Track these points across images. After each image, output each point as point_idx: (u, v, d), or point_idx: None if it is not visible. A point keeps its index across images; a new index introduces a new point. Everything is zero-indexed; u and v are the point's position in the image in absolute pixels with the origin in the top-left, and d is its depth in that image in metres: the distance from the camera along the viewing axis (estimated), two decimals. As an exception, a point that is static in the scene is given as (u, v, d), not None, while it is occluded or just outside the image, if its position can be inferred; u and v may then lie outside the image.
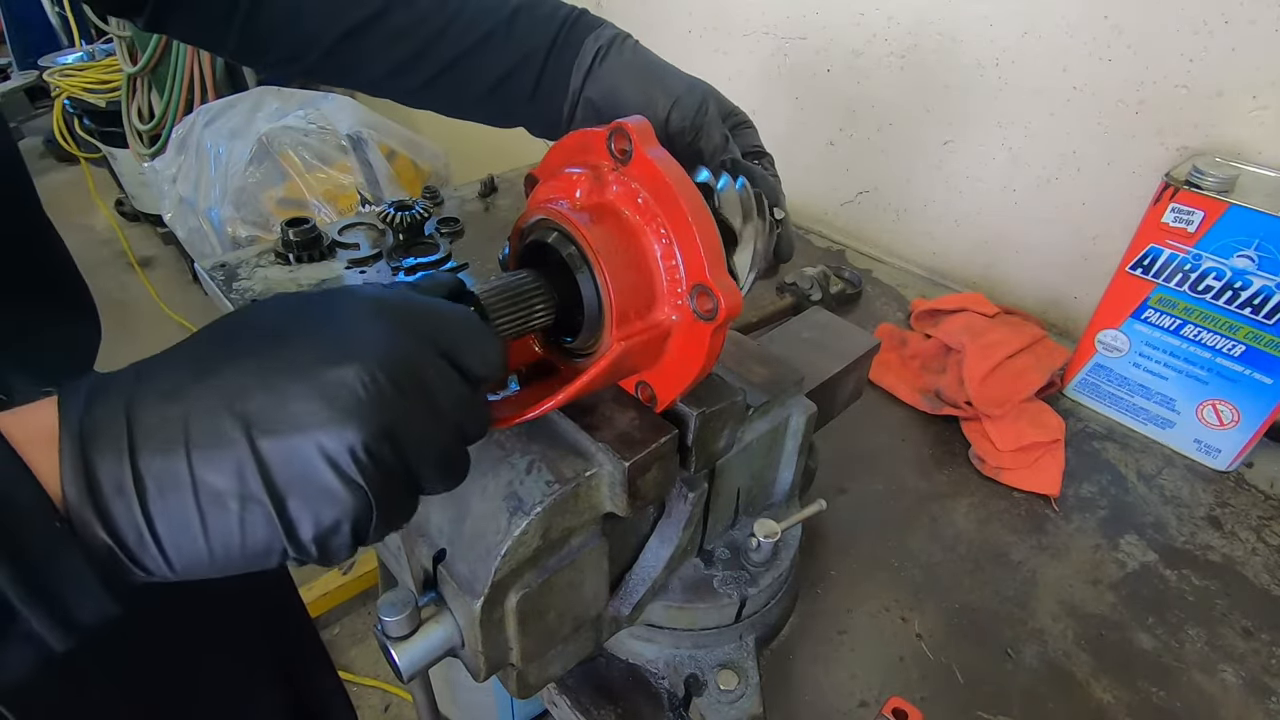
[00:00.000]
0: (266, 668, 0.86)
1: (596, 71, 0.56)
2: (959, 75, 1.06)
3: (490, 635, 0.46)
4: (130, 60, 2.48)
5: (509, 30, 0.58)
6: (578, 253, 0.42)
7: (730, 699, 0.56)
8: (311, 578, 1.82)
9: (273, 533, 0.31)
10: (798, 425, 0.59)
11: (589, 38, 0.57)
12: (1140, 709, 0.61)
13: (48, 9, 3.15)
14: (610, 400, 0.48)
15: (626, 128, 0.41)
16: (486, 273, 1.11)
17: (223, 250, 1.81)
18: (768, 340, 0.73)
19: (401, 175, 1.82)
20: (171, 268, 3.17)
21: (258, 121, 1.83)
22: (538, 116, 0.61)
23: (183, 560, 0.31)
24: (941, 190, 1.16)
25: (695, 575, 0.58)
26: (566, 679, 0.60)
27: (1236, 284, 0.75)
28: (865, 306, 1.10)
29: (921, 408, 0.90)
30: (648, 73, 0.56)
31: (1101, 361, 0.89)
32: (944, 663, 0.63)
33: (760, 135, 0.58)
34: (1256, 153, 0.84)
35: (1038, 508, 0.79)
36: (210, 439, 0.30)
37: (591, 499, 0.47)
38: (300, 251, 1.09)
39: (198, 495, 0.30)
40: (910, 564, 0.72)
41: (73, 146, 3.17)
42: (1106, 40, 0.91)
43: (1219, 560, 0.74)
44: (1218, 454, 0.84)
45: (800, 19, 1.22)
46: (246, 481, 0.30)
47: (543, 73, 0.58)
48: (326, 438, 0.31)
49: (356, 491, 0.32)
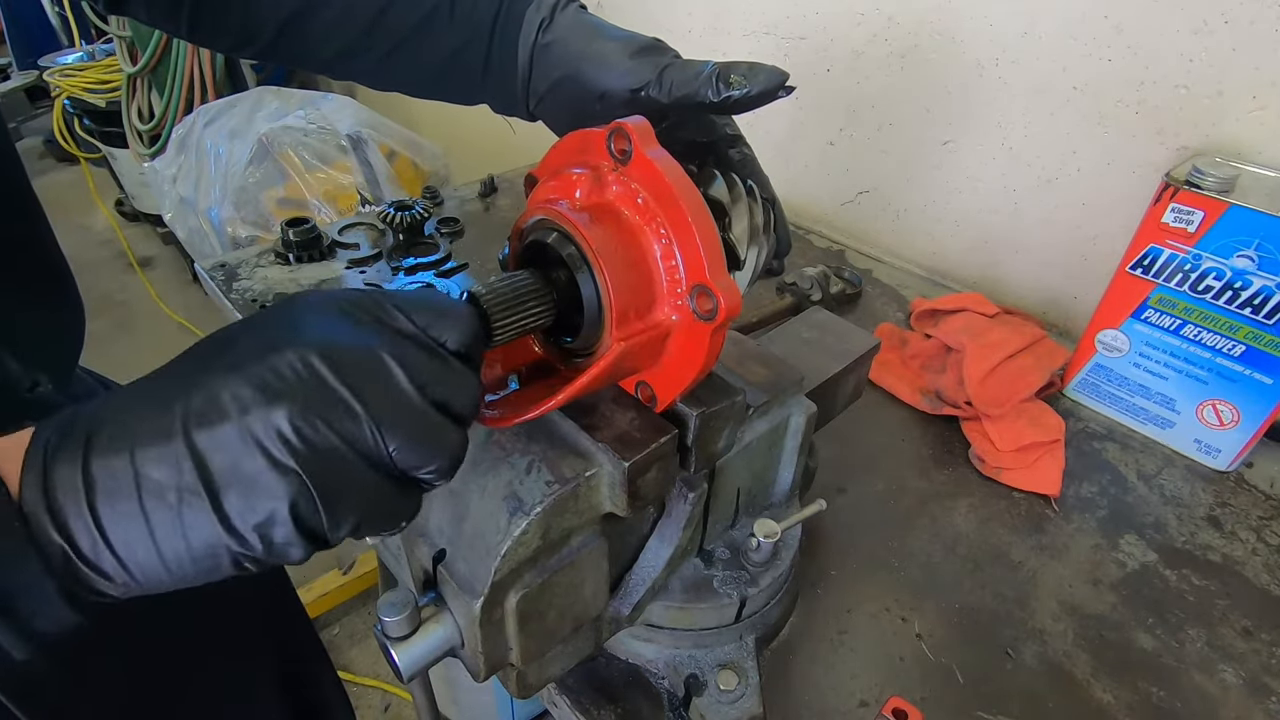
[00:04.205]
0: (266, 668, 0.86)
1: (542, 41, 0.55)
2: (959, 75, 1.06)
3: (490, 635, 0.46)
4: (130, 60, 2.48)
5: (451, 5, 0.58)
6: (577, 253, 0.42)
7: (730, 699, 0.56)
8: (311, 578, 1.82)
9: (214, 528, 0.31)
10: (798, 425, 0.59)
11: (530, 9, 0.56)
12: (1140, 709, 0.61)
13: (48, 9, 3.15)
14: (610, 400, 0.48)
15: (626, 128, 0.41)
16: (486, 273, 1.11)
17: (223, 250, 1.81)
18: (768, 340, 0.72)
19: (401, 175, 1.82)
20: (171, 268, 3.17)
21: (258, 121, 1.83)
22: (495, 92, 0.60)
23: (136, 563, 0.31)
24: (941, 190, 1.16)
25: (695, 575, 0.58)
26: (566, 679, 0.60)
27: (1236, 284, 0.75)
28: (865, 306, 1.10)
29: (921, 408, 0.90)
30: (595, 33, 0.54)
31: (1101, 361, 0.89)
32: (944, 663, 0.63)
33: (761, 137, 0.58)
34: (1256, 153, 0.84)
35: (1038, 508, 0.79)
36: (151, 435, 0.31)
37: (591, 499, 0.47)
38: (300, 251, 1.09)
39: (140, 491, 0.30)
40: (910, 564, 0.72)
41: (73, 146, 3.17)
42: (1106, 40, 0.91)
43: (1219, 560, 0.74)
44: (1218, 454, 0.84)
45: (800, 19, 1.22)
46: (183, 473, 0.30)
47: (490, 47, 0.58)
48: (254, 421, 0.31)
49: (289, 475, 0.31)
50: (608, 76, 0.52)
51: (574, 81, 0.54)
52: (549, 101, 0.57)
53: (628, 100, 0.51)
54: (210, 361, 0.33)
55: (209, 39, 0.65)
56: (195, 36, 0.64)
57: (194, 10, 0.60)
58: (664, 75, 0.50)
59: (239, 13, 0.60)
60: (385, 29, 0.59)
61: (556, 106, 0.57)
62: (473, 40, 0.58)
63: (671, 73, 0.50)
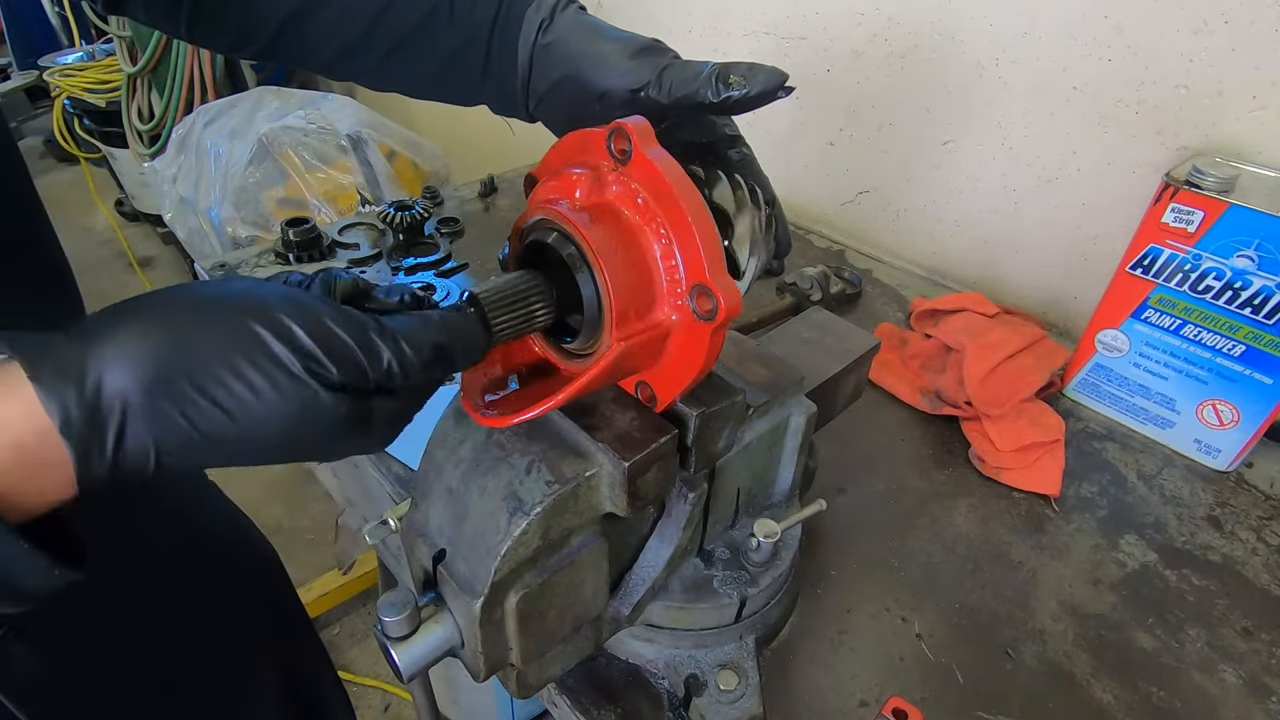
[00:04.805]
0: (267, 668, 0.86)
1: (541, 41, 0.55)
2: (959, 75, 1.06)
3: (490, 635, 0.46)
4: (130, 60, 2.48)
5: (451, 6, 0.58)
6: (577, 253, 0.42)
7: (730, 699, 0.56)
8: (311, 578, 1.82)
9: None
10: (798, 425, 0.59)
11: (529, 9, 0.56)
12: (1140, 709, 0.61)
13: (48, 9, 3.14)
14: (610, 400, 0.48)
15: (626, 128, 0.41)
16: (486, 273, 1.11)
17: (223, 250, 1.81)
18: (768, 340, 0.72)
19: (401, 175, 1.82)
20: (171, 268, 3.17)
21: (258, 121, 1.83)
22: (494, 93, 0.60)
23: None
24: (941, 190, 1.16)
25: (695, 575, 0.58)
26: (566, 679, 0.60)
27: (1236, 284, 0.75)
28: (865, 306, 1.10)
29: (921, 408, 0.90)
30: (595, 34, 0.54)
31: (1101, 361, 0.89)
32: (944, 663, 0.63)
33: (761, 137, 0.58)
34: (1256, 153, 0.84)
35: (1038, 508, 0.79)
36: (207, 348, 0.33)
37: (591, 499, 0.47)
38: (300, 252, 1.09)
39: None
40: (910, 564, 0.72)
41: (73, 146, 3.17)
42: (1106, 40, 0.91)
43: (1219, 560, 0.74)
44: (1218, 454, 0.84)
45: (800, 19, 1.22)
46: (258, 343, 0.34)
47: (489, 48, 0.58)
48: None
49: None
50: (607, 77, 0.52)
51: (573, 82, 0.54)
52: (548, 102, 0.57)
53: (627, 101, 0.51)
54: (178, 313, 0.35)
55: (208, 39, 0.65)
56: (194, 37, 0.64)
57: (192, 10, 0.60)
58: (663, 76, 0.50)
59: (238, 13, 0.60)
60: (384, 29, 0.59)
61: (556, 107, 0.57)
62: (472, 41, 0.58)
63: (671, 73, 0.50)
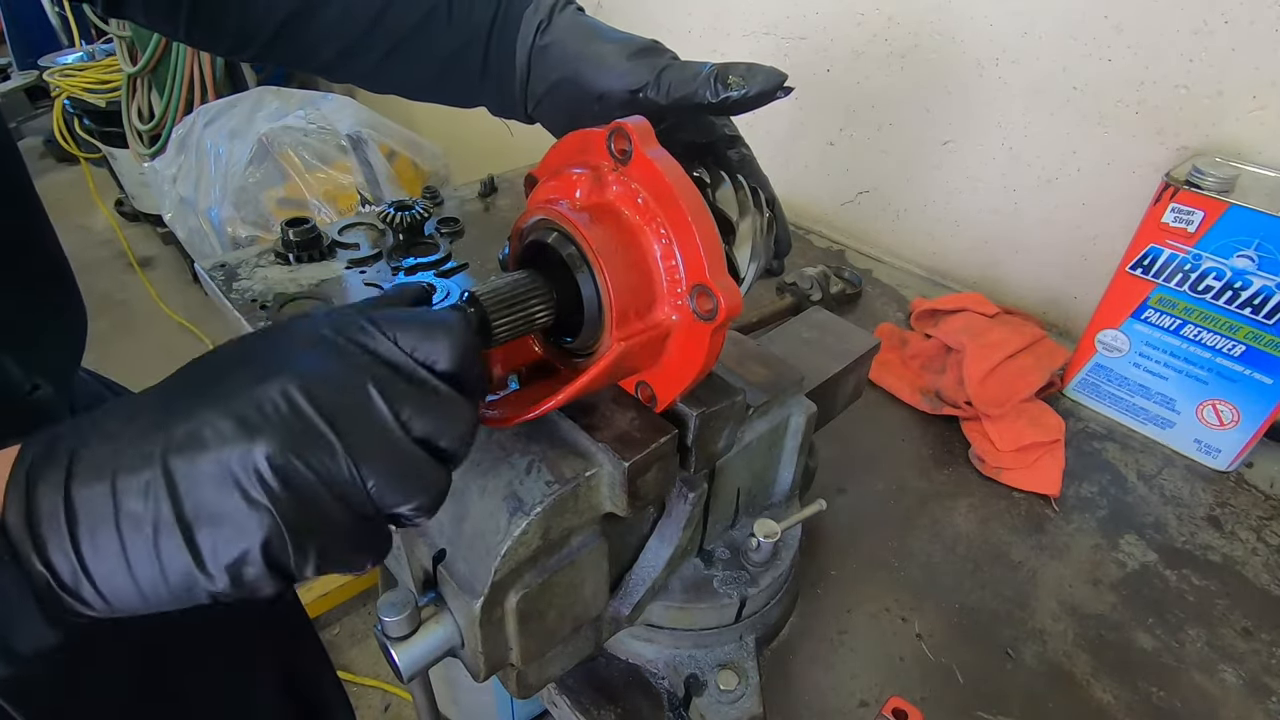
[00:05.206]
0: (266, 668, 0.86)
1: (540, 43, 0.55)
2: (959, 75, 1.06)
3: (490, 635, 0.46)
4: (130, 60, 2.48)
5: (449, 7, 0.58)
6: (577, 253, 0.42)
7: (730, 699, 0.56)
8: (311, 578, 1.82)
9: (188, 562, 0.30)
10: (798, 425, 0.59)
11: (528, 10, 0.56)
12: (1140, 709, 0.61)
13: (48, 9, 3.15)
14: (610, 400, 0.48)
15: (626, 128, 0.41)
16: (486, 273, 1.11)
17: (223, 250, 1.81)
18: (768, 340, 0.72)
19: (401, 175, 1.82)
20: (171, 268, 3.17)
21: (258, 121, 1.83)
22: (493, 94, 0.60)
23: (114, 593, 0.31)
24: (941, 190, 1.16)
25: (695, 575, 0.58)
26: (566, 679, 0.60)
27: (1236, 284, 0.75)
28: (865, 306, 1.10)
29: (921, 408, 0.90)
30: (593, 35, 0.54)
31: (1101, 361, 0.89)
32: (944, 663, 0.63)
33: (761, 137, 0.58)
34: (1256, 153, 0.84)
35: (1038, 508, 0.79)
36: (132, 464, 0.30)
37: (591, 499, 0.47)
38: (300, 251, 1.09)
39: (119, 521, 0.30)
40: (910, 564, 0.72)
41: (73, 146, 3.17)
42: (1106, 40, 0.91)
43: (1219, 560, 0.74)
44: (1218, 454, 0.84)
45: (800, 19, 1.22)
46: (160, 506, 0.30)
47: (488, 50, 0.58)
48: (232, 455, 0.30)
49: (262, 514, 0.30)
50: (606, 78, 0.52)
51: (572, 83, 0.54)
52: (547, 104, 0.57)
53: (626, 101, 0.51)
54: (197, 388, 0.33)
55: (206, 42, 0.65)
56: (193, 39, 0.64)
57: (191, 12, 0.60)
58: (662, 76, 0.50)
59: (236, 15, 0.60)
60: (382, 31, 0.59)
61: (554, 108, 0.57)
62: (470, 42, 0.58)
63: (669, 74, 0.50)
